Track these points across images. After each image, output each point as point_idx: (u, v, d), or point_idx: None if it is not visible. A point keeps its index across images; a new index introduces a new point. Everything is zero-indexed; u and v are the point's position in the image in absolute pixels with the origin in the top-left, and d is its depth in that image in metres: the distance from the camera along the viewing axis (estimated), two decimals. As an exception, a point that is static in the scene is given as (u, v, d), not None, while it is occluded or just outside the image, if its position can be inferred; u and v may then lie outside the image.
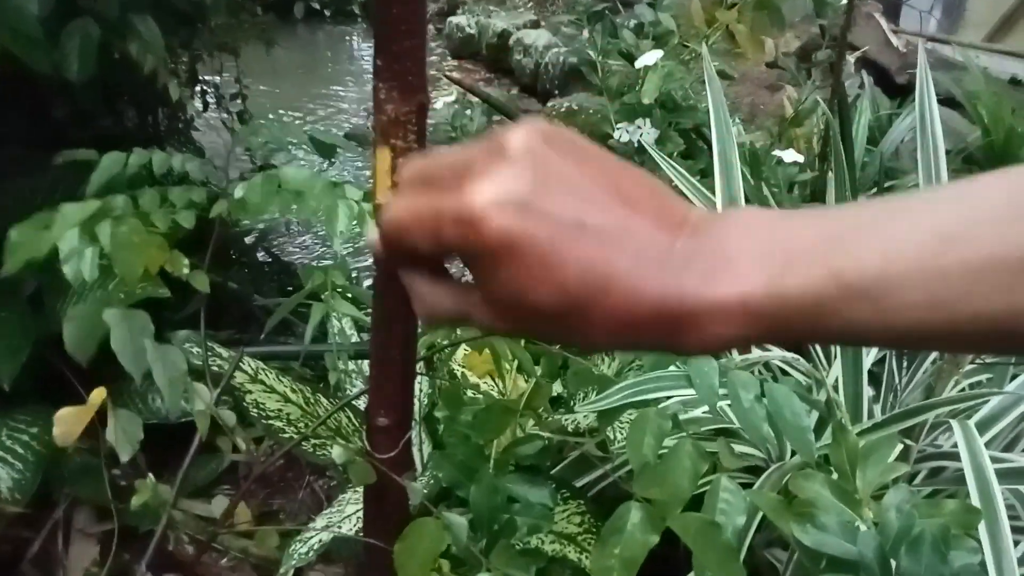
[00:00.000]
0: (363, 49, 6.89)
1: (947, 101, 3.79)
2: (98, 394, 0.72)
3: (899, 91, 4.24)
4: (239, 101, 3.09)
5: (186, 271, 0.78)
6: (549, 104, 5.39)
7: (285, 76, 5.21)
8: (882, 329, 0.28)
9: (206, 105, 3.01)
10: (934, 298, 0.27)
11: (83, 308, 0.75)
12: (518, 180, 0.30)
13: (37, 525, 1.62)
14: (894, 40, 5.47)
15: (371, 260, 0.60)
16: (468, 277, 0.33)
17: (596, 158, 0.32)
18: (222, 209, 0.81)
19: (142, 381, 0.98)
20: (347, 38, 7.05)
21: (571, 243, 0.30)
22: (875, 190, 1.95)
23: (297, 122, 4.87)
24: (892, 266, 0.27)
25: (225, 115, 3.06)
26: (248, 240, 2.73)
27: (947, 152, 2.90)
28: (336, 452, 0.64)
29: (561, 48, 5.45)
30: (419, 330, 0.60)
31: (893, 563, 0.64)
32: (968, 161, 2.90)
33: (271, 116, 4.41)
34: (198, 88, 2.94)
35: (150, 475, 0.81)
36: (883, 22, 5.54)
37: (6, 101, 1.89)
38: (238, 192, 0.78)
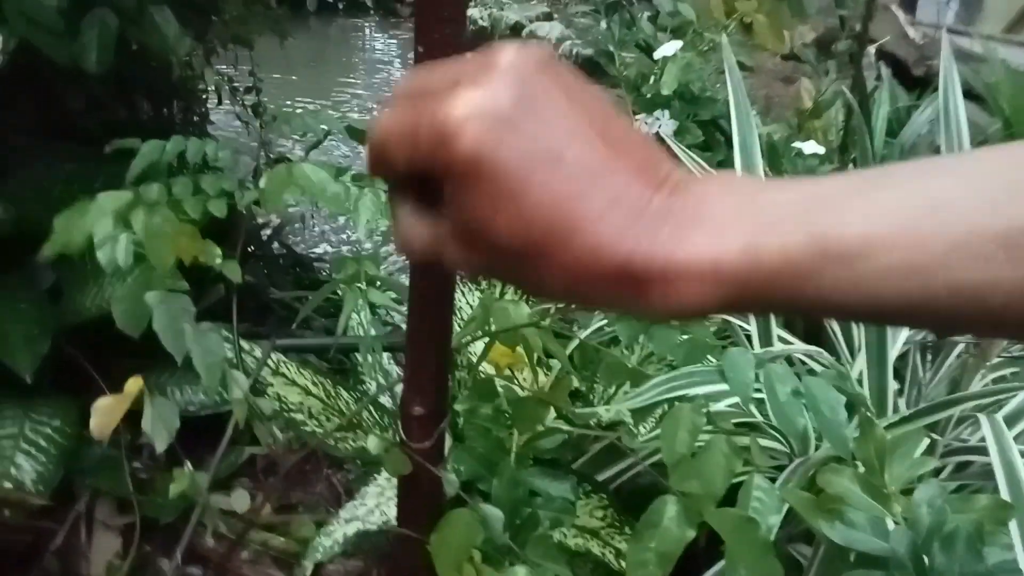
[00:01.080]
0: (375, 41, 6.88)
1: (966, 93, 3.74)
2: (134, 383, 0.72)
3: (916, 83, 4.19)
4: (253, 93, 3.09)
5: (219, 261, 0.78)
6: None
7: (298, 68, 5.21)
8: (857, 297, 0.27)
9: (220, 97, 3.02)
10: (911, 264, 0.26)
11: (128, 287, 0.75)
12: (499, 97, 0.28)
13: (60, 517, 1.63)
14: (911, 32, 5.42)
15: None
16: None
17: (588, 95, 0.30)
18: (252, 198, 0.81)
19: (165, 371, 0.97)
20: (359, 31, 7.05)
21: (542, 173, 0.28)
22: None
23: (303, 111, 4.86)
24: (873, 230, 0.26)
25: (239, 107, 3.06)
26: (264, 233, 2.74)
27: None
28: (371, 442, 0.64)
29: (575, 40, 5.42)
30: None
31: (926, 559, 0.64)
32: (988, 153, 2.87)
33: (285, 108, 4.41)
34: (212, 81, 2.95)
35: (187, 464, 0.80)
36: (900, 14, 5.48)
37: (21, 90, 1.90)
38: (262, 183, 0.78)
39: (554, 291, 0.30)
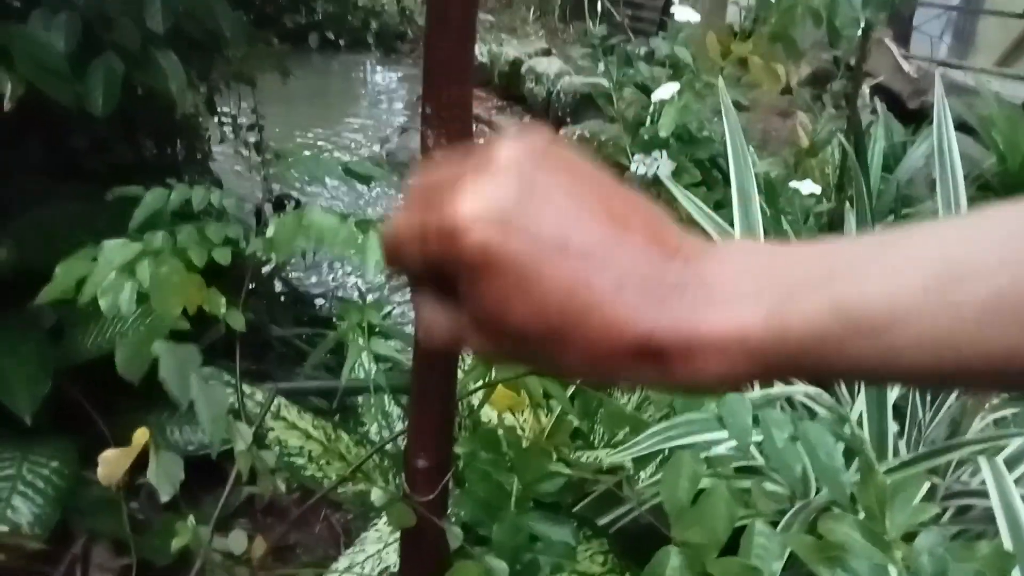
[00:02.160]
0: (376, 78, 6.97)
1: (960, 127, 3.78)
2: (141, 435, 0.73)
3: (911, 117, 4.24)
4: (256, 131, 3.12)
5: (223, 310, 0.79)
6: (561, 132, 5.43)
7: (300, 105, 5.27)
8: (888, 366, 0.27)
9: (223, 136, 3.05)
10: (939, 333, 0.26)
11: (133, 335, 0.76)
12: (501, 194, 0.29)
13: (56, 560, 1.62)
14: (905, 66, 5.49)
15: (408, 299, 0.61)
16: None
17: (589, 176, 0.31)
18: (258, 247, 0.82)
19: (165, 411, 0.97)
20: (361, 67, 7.14)
21: (551, 262, 0.28)
22: (892, 218, 1.95)
23: (315, 151, 4.92)
24: (898, 300, 0.26)
25: (243, 146, 3.09)
26: (264, 270, 2.75)
27: (963, 177, 2.89)
28: (375, 495, 0.64)
29: (573, 76, 5.49)
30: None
31: (928, 610, 0.63)
32: (983, 188, 2.89)
33: (288, 145, 4.46)
34: (216, 119, 2.98)
35: (190, 517, 0.80)
36: (894, 48, 5.56)
37: (25, 131, 1.92)
38: (269, 231, 0.79)
39: (577, 371, 0.30)
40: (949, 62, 6.19)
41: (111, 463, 0.85)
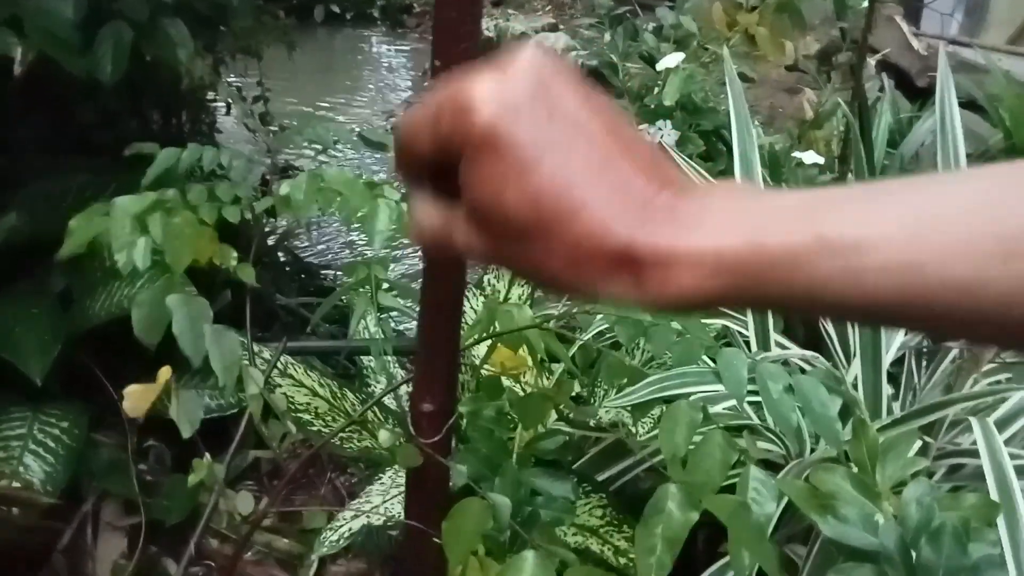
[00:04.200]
0: (381, 52, 6.93)
1: (969, 104, 3.76)
2: (164, 372, 0.75)
3: (919, 94, 4.22)
4: (261, 103, 3.13)
5: (233, 263, 0.81)
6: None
7: (305, 78, 5.25)
8: (852, 291, 0.28)
9: (229, 107, 3.05)
10: (907, 260, 0.27)
11: (150, 294, 0.78)
12: (517, 86, 0.30)
13: (67, 517, 1.66)
14: (914, 43, 5.44)
15: (418, 256, 0.62)
16: None
17: (599, 100, 0.32)
18: (268, 204, 0.84)
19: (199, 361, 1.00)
20: (366, 41, 7.10)
21: (552, 157, 0.29)
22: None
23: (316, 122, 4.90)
24: (872, 228, 0.27)
25: (247, 117, 3.10)
26: (270, 240, 2.77)
27: (968, 155, 2.89)
28: (382, 436, 0.67)
29: (580, 51, 5.47)
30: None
31: (913, 554, 0.66)
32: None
33: (291, 119, 4.46)
34: (221, 91, 2.99)
35: (207, 455, 0.83)
36: (903, 25, 5.51)
37: (33, 105, 1.93)
38: (283, 189, 0.81)
39: (555, 274, 0.31)
40: (959, 40, 6.13)
41: (137, 396, 0.87)
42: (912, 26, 5.84)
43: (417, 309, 0.67)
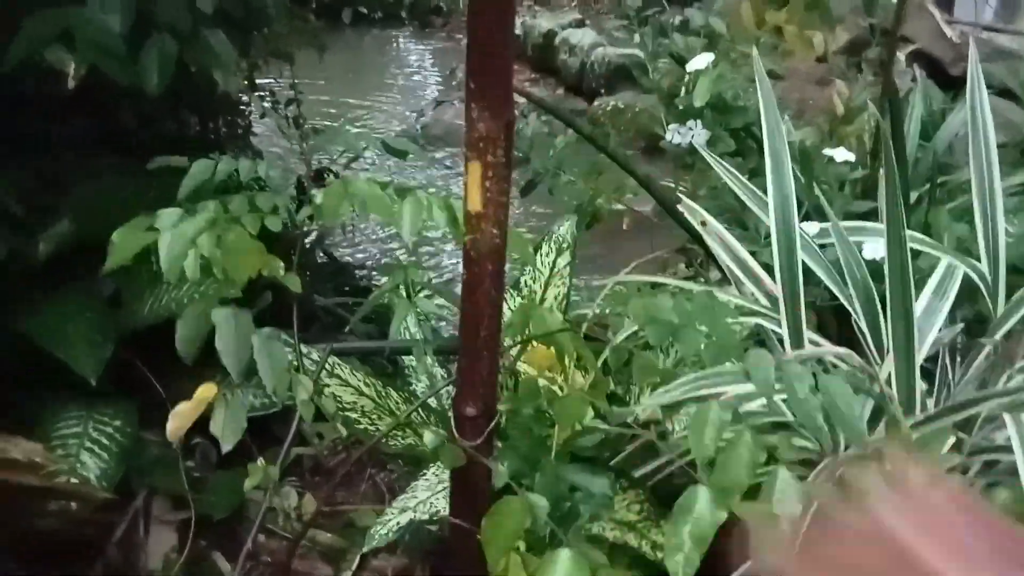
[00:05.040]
0: (410, 52, 6.99)
1: (1005, 92, 3.71)
2: (207, 390, 0.79)
3: (953, 83, 4.14)
4: (294, 106, 3.19)
5: (281, 273, 0.85)
6: (595, 103, 5.42)
7: (334, 80, 5.33)
8: None
9: (264, 111, 3.12)
10: None
11: (196, 308, 0.82)
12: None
13: (120, 512, 1.72)
14: (947, 31, 5.36)
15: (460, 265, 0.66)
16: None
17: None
18: (307, 214, 0.88)
19: (217, 375, 1.04)
20: (393, 42, 7.16)
21: None
22: (927, 186, 1.94)
23: (350, 127, 4.97)
24: None
25: (282, 120, 3.16)
26: (307, 242, 2.83)
27: (1004, 145, 2.85)
28: (427, 438, 0.70)
29: (607, 47, 5.47)
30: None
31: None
32: (1024, 155, 2.84)
33: (323, 120, 4.53)
34: (255, 94, 3.05)
35: (260, 458, 0.87)
36: (936, 12, 5.42)
37: (76, 109, 2.00)
38: (317, 199, 0.85)
39: None
40: (994, 26, 6.02)
41: (181, 416, 0.91)
42: (945, 13, 5.75)
43: (453, 311, 0.71)
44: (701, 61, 1.48)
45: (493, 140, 0.49)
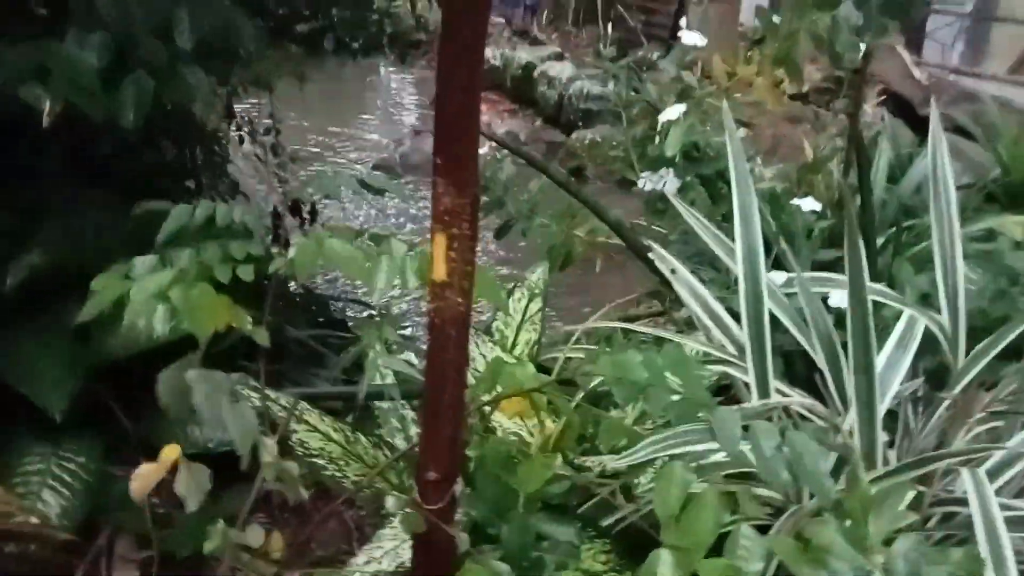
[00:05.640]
0: (390, 81, 7.04)
1: (971, 134, 3.82)
2: (171, 451, 0.79)
3: (922, 123, 4.24)
4: (272, 134, 3.20)
5: (248, 327, 0.85)
6: (573, 135, 5.49)
7: (315, 108, 5.34)
8: None
9: (242, 140, 3.12)
10: None
11: (172, 371, 0.83)
12: None
13: (82, 551, 1.69)
14: (916, 73, 5.51)
15: (425, 320, 0.67)
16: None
17: None
18: (279, 266, 0.88)
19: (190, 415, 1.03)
20: (375, 71, 7.21)
21: None
22: (893, 229, 1.98)
23: (328, 154, 4.98)
24: None
25: (260, 149, 3.17)
26: (282, 274, 2.81)
27: (970, 186, 2.92)
28: (389, 502, 0.70)
29: (585, 81, 5.55)
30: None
31: (901, 609, 0.69)
32: (989, 199, 2.92)
33: (303, 148, 4.54)
34: (234, 123, 3.06)
35: (220, 522, 0.87)
36: (905, 55, 5.58)
37: (52, 137, 1.99)
38: (291, 253, 0.85)
39: None
40: (961, 69, 6.21)
41: (144, 477, 0.90)
42: (914, 55, 5.91)
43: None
44: (673, 112, 1.52)
45: (458, 214, 0.51)
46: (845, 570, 0.76)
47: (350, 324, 2.80)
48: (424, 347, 0.73)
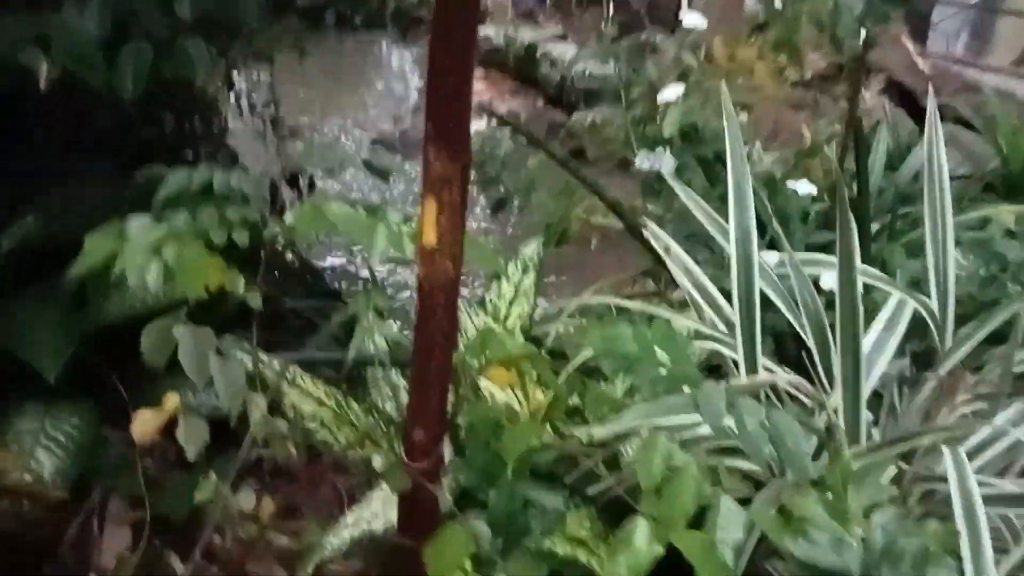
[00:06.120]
0: (391, 57, 7.00)
1: (972, 124, 3.81)
2: (171, 399, 0.80)
3: (924, 113, 4.23)
4: (271, 107, 3.19)
5: (241, 290, 0.86)
6: (574, 116, 5.47)
7: (315, 82, 5.32)
8: None
9: (242, 112, 3.11)
10: None
11: (159, 324, 0.83)
12: None
13: (75, 511, 1.71)
14: (920, 63, 5.49)
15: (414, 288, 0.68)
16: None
17: None
18: (275, 232, 0.89)
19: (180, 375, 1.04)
20: (376, 46, 7.17)
21: None
22: (889, 216, 1.99)
23: (328, 129, 4.96)
24: None
25: (260, 122, 3.16)
26: (278, 244, 2.82)
27: (968, 177, 2.93)
28: (376, 461, 0.72)
29: (587, 62, 5.52)
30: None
31: (875, 576, 0.71)
32: (987, 188, 2.93)
33: (303, 121, 4.52)
34: (233, 95, 3.05)
35: (211, 474, 0.88)
36: (910, 45, 5.56)
37: (52, 108, 1.99)
38: (288, 219, 0.86)
39: None
40: (964, 60, 6.18)
41: (145, 422, 0.92)
42: (919, 45, 5.89)
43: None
44: (671, 93, 1.52)
45: (449, 181, 0.51)
46: (823, 539, 0.77)
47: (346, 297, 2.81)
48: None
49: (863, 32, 1.41)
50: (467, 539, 0.71)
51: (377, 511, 1.04)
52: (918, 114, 3.97)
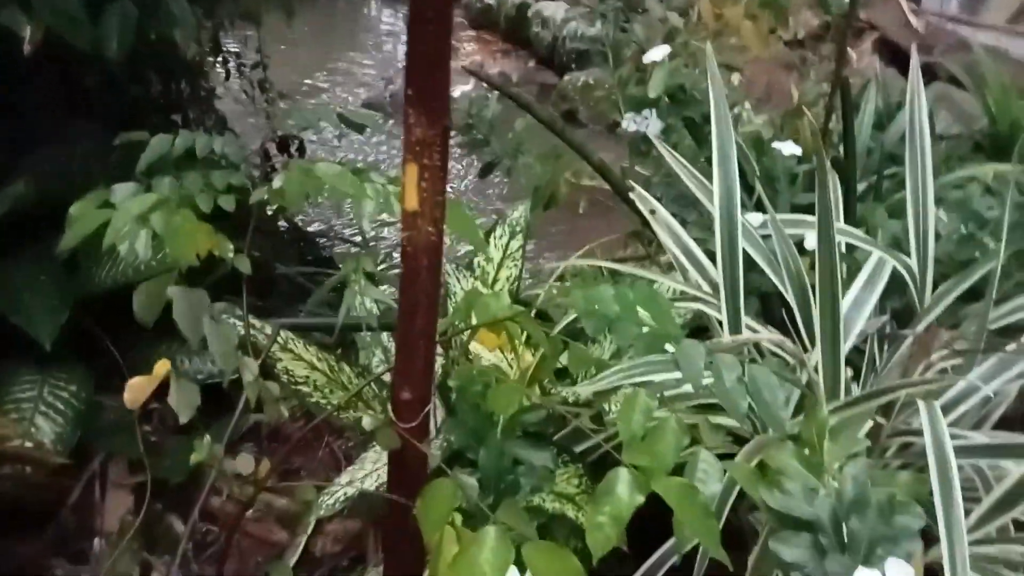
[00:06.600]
0: (382, 17, 6.91)
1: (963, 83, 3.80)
2: (162, 365, 0.82)
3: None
4: (260, 70, 3.16)
5: (230, 255, 0.87)
6: (566, 78, 5.43)
7: (304, 44, 5.26)
8: None
9: (228, 74, 3.09)
10: None
11: (151, 285, 0.85)
12: None
13: (76, 476, 1.74)
14: (913, 20, 5.45)
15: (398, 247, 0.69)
16: None
17: None
18: (262, 196, 0.90)
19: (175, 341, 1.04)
20: (366, 7, 7.07)
21: None
22: (875, 177, 2.01)
23: (317, 91, 4.92)
24: None
25: (248, 85, 3.14)
26: (269, 209, 2.82)
27: (958, 136, 2.93)
28: (365, 420, 0.74)
29: (579, 21, 5.46)
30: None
31: (844, 525, 0.74)
32: (977, 148, 2.94)
33: (292, 82, 4.48)
34: (220, 57, 3.03)
35: (206, 436, 0.91)
36: (903, 2, 5.51)
37: (38, 70, 1.97)
38: (277, 183, 0.87)
39: None
40: (959, 17, 6.13)
41: (136, 389, 0.94)
42: (912, 3, 5.83)
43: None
44: (657, 53, 1.52)
45: (429, 145, 0.53)
46: (797, 490, 0.81)
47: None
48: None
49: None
50: (454, 492, 0.74)
51: (370, 471, 1.07)
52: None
